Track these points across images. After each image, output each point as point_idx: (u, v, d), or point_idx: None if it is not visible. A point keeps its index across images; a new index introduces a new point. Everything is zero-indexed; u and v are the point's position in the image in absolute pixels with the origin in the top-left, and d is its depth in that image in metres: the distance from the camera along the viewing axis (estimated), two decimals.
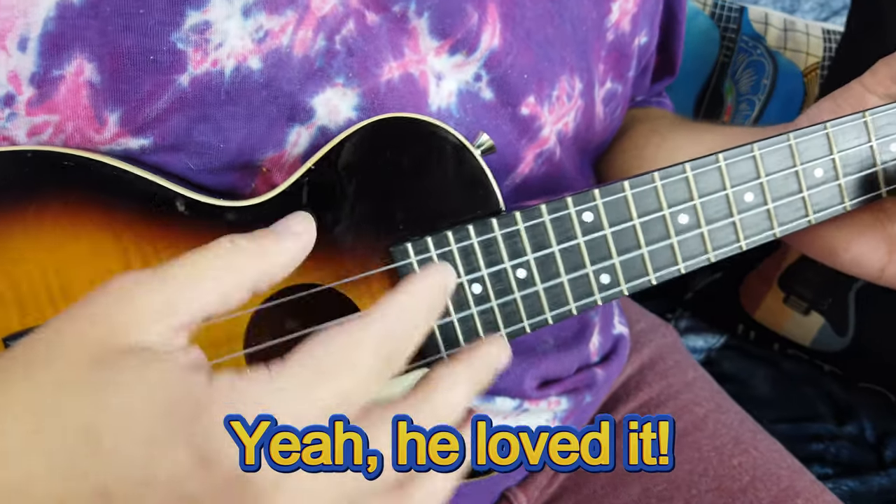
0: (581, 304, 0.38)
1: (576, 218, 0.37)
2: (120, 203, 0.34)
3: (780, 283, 0.88)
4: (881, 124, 0.40)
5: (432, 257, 0.36)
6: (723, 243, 0.39)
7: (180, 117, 0.36)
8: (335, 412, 0.25)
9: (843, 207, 0.41)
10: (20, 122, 0.35)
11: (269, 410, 0.24)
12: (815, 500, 0.57)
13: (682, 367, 0.67)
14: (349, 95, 0.39)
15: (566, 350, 0.54)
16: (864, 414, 0.91)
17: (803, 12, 0.96)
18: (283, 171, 0.39)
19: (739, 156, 0.38)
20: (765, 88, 0.90)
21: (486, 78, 0.44)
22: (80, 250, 0.34)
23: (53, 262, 0.34)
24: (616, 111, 0.57)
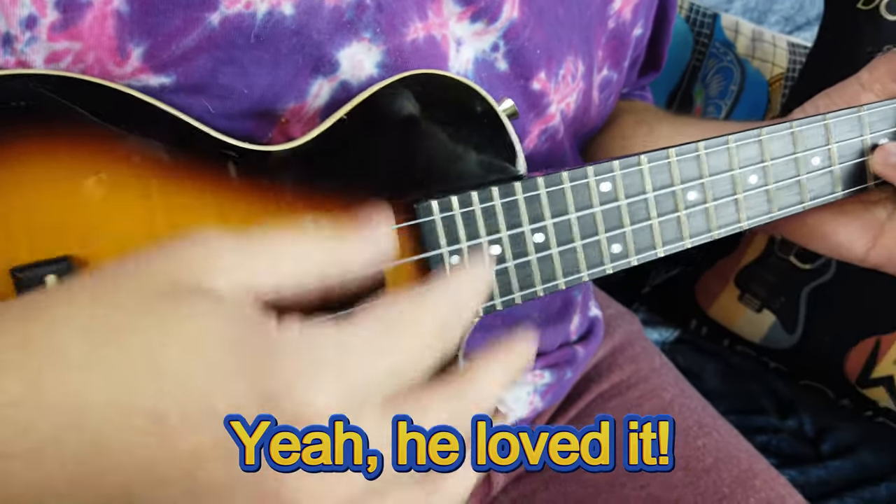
0: (592, 271, 0.39)
1: (595, 187, 0.38)
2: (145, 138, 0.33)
3: (736, 280, 0.92)
4: (874, 120, 0.43)
5: (455, 216, 0.36)
6: (726, 221, 0.41)
7: (206, 57, 0.35)
8: (390, 381, 0.25)
9: (835, 196, 0.43)
10: (39, 46, 0.33)
11: (332, 364, 0.23)
12: (772, 482, 0.60)
13: (649, 354, 0.69)
14: (374, 52, 0.39)
15: (551, 325, 0.56)
16: (804, 409, 0.96)
17: (770, 24, 1.01)
18: (301, 122, 0.39)
19: (747, 139, 0.40)
20: (732, 94, 0.94)
21: (503, 49, 0.44)
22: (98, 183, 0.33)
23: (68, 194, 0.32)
24: (609, 98, 0.59)
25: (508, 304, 0.38)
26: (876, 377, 0.87)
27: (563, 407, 0.62)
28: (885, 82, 0.44)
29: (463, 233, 0.37)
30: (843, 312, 0.87)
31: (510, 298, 0.38)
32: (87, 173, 0.32)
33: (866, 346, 0.87)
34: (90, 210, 0.32)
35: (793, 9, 1.05)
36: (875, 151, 0.44)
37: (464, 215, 0.36)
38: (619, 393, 0.63)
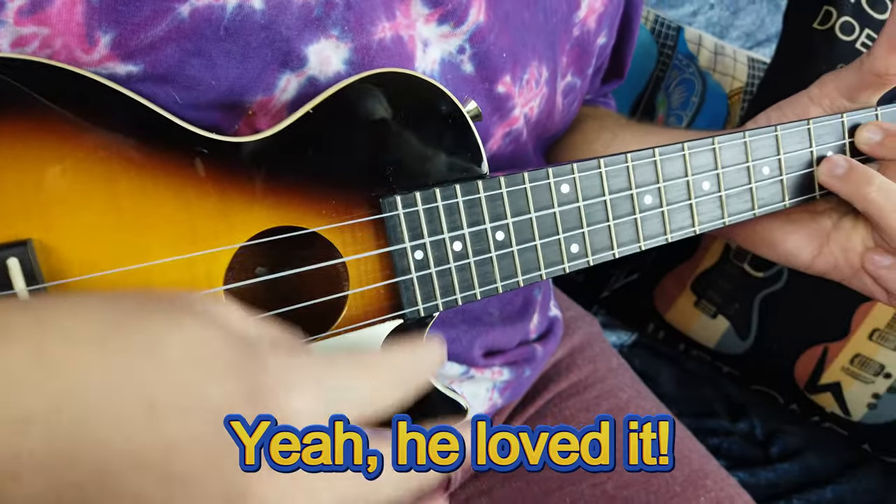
0: (550, 269, 0.40)
1: (554, 188, 0.39)
2: (111, 124, 0.33)
3: (693, 286, 0.95)
4: (821, 133, 0.45)
5: (419, 211, 0.37)
6: (680, 225, 0.42)
7: (174, 48, 0.36)
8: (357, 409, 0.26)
9: (784, 205, 0.45)
10: (6, 30, 0.33)
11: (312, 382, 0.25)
12: (722, 482, 0.61)
13: (606, 355, 0.71)
14: (341, 49, 0.40)
15: (510, 324, 0.57)
16: (754, 413, 0.99)
17: (731, 39, 1.04)
18: (268, 115, 0.39)
19: (702, 147, 0.42)
20: (693, 105, 0.96)
21: (469, 52, 0.45)
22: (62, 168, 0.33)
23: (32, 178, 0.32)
24: (573, 104, 0.60)
25: (469, 300, 0.39)
26: (823, 384, 0.90)
27: (522, 404, 0.63)
28: (833, 97, 0.46)
29: (426, 228, 0.37)
30: (794, 320, 0.89)
31: (471, 294, 0.39)
32: (51, 158, 0.32)
33: (815, 354, 0.90)
34: (54, 195, 0.32)
35: (754, 25, 1.08)
36: (821, 163, 0.46)
37: (426, 211, 0.37)
38: (577, 392, 0.65)
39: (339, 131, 0.36)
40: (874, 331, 0.86)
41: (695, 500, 0.58)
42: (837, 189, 0.46)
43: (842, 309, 0.87)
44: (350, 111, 0.37)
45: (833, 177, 0.46)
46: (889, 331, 0.85)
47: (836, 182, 0.46)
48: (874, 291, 0.48)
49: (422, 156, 0.38)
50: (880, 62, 0.44)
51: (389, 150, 0.37)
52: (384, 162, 0.37)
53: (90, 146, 0.33)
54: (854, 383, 0.89)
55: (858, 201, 0.45)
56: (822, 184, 0.46)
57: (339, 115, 0.37)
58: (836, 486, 0.92)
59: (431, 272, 0.38)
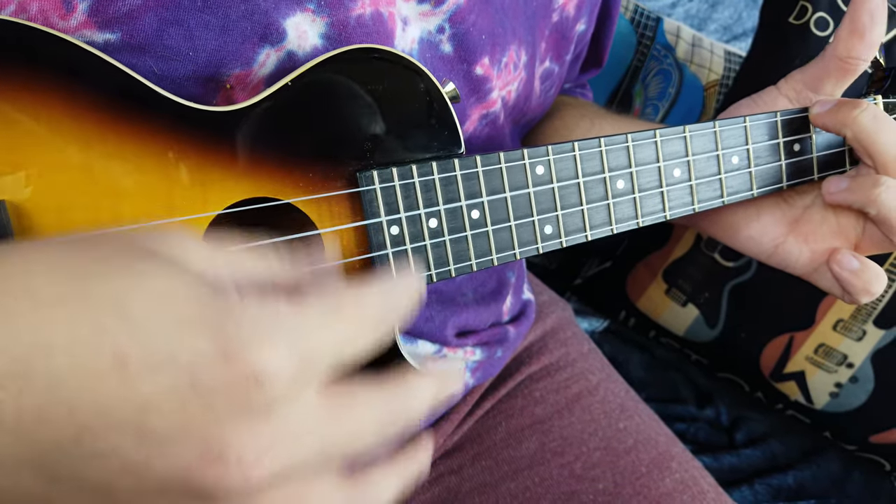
0: (524, 249, 0.41)
1: (529, 169, 0.40)
2: (87, 89, 0.33)
3: (664, 275, 0.96)
4: (789, 125, 0.46)
5: (395, 186, 0.38)
6: (651, 210, 0.43)
7: (152, 17, 0.36)
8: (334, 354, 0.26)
9: (752, 194, 0.46)
10: None
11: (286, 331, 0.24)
12: (687, 464, 0.63)
13: (578, 339, 0.72)
14: (318, 23, 0.40)
15: (484, 304, 0.57)
16: (721, 400, 1.01)
17: (709, 32, 1.05)
18: (246, 90, 0.39)
19: (673, 134, 0.43)
20: (669, 96, 0.97)
21: (449, 32, 0.46)
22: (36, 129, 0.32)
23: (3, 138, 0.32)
24: (550, 90, 0.61)
25: (443, 277, 0.40)
26: (788, 372, 0.93)
27: (493, 385, 0.64)
28: (799, 90, 0.47)
29: (402, 203, 0.38)
30: (761, 310, 0.91)
31: (446, 270, 0.39)
32: (24, 119, 0.32)
33: (780, 343, 0.92)
34: (27, 157, 0.32)
35: (731, 19, 1.09)
36: (824, 183, 0.47)
37: (403, 187, 0.38)
38: (548, 374, 0.66)
39: (317, 105, 0.37)
40: (838, 321, 0.88)
41: (660, 480, 0.59)
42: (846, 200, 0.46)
43: (809, 299, 0.89)
44: (329, 86, 0.37)
45: (840, 191, 0.46)
46: (853, 321, 0.88)
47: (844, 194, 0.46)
48: (832, 288, 0.48)
49: (399, 133, 0.38)
50: (842, 45, 0.45)
51: (367, 126, 0.38)
52: (362, 137, 0.38)
53: (65, 108, 0.33)
54: (817, 372, 0.91)
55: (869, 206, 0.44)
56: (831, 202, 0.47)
57: (317, 88, 0.37)
58: (798, 472, 0.95)
59: (407, 248, 0.38)
